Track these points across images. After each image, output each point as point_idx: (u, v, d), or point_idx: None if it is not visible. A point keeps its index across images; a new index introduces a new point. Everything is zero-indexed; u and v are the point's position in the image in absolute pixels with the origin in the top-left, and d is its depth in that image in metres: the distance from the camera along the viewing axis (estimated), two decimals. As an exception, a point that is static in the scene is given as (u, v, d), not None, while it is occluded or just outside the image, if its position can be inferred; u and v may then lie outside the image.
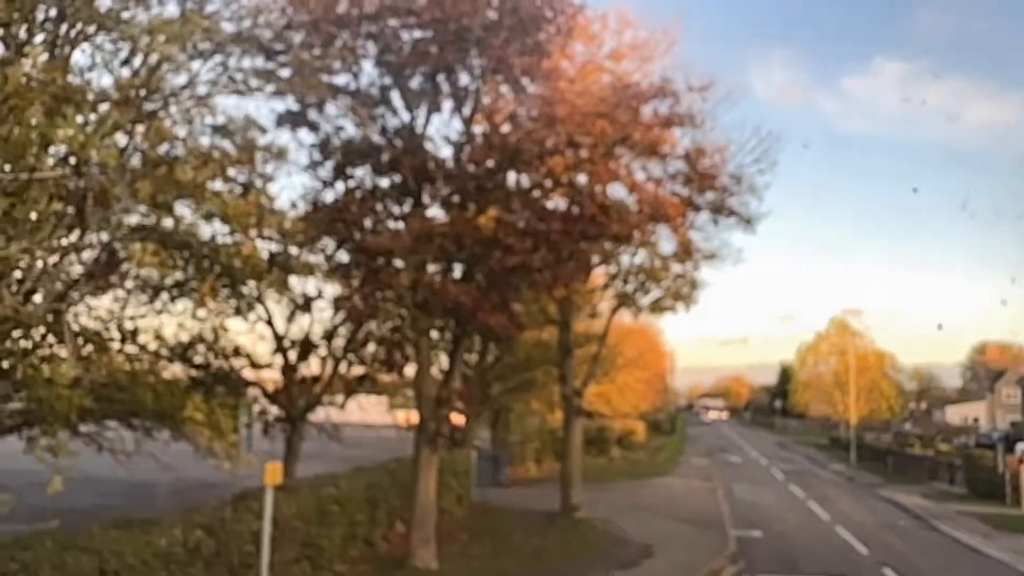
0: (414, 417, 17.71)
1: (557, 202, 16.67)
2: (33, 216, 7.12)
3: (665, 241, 22.29)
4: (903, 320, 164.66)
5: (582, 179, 16.22)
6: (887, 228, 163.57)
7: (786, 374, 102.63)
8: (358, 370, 19.24)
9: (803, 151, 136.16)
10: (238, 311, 16.15)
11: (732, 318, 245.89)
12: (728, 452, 61.51)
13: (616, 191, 17.62)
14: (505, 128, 15.40)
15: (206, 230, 13.59)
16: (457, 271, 15.90)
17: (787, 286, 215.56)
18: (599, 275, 25.70)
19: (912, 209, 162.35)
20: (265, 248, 15.58)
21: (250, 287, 15.84)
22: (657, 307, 25.22)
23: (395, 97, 15.33)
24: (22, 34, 8.81)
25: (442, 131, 16.03)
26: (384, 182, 15.64)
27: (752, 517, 26.45)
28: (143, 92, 10.19)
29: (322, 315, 18.69)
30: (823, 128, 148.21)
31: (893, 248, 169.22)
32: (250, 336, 17.94)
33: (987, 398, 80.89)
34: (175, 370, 15.55)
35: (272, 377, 18.94)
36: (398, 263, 15.07)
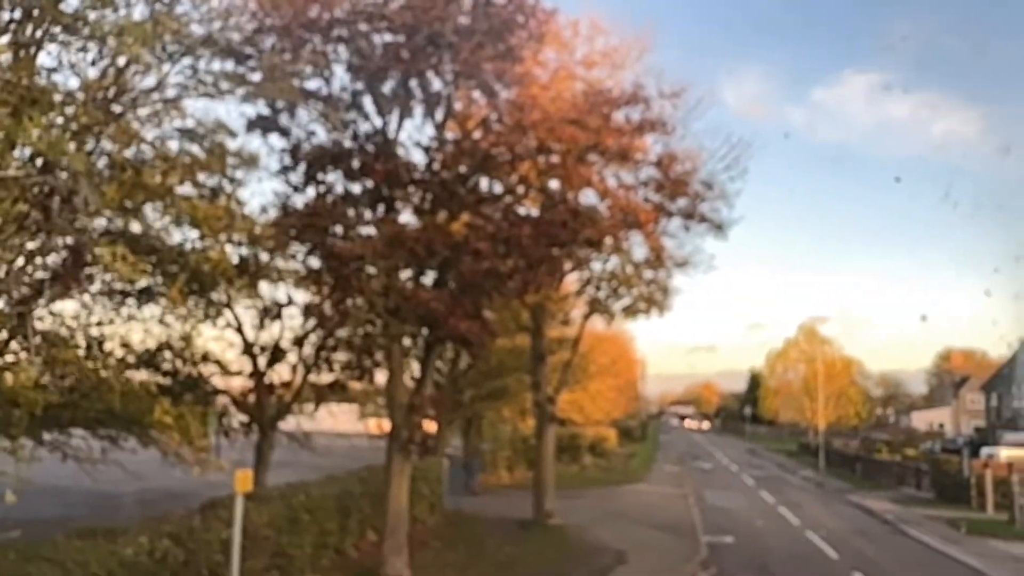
0: (386, 425, 17.59)
1: (529, 208, 16.68)
2: (-3, 217, 6.98)
3: (637, 247, 22.41)
4: (870, 328, 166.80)
5: (554, 185, 16.25)
6: (857, 236, 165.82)
7: (756, 381, 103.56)
8: (328, 377, 19.09)
9: (773, 159, 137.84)
10: (207, 317, 15.96)
11: (702, 326, 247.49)
12: (699, 459, 61.83)
13: (588, 197, 17.67)
14: (477, 134, 15.38)
15: (175, 235, 13.42)
16: (429, 277, 15.83)
17: (756, 294, 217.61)
18: (571, 282, 25.76)
19: (881, 217, 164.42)
20: (235, 253, 15.42)
21: (219, 292, 15.66)
22: (630, 311, 25.29)
23: (367, 102, 15.24)
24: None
25: (414, 136, 15.99)
26: (355, 187, 15.53)
27: (723, 523, 26.57)
28: (110, 94, 10.05)
29: (292, 322, 18.57)
30: (794, 138, 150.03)
31: (864, 254, 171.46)
32: (219, 343, 17.77)
33: (952, 404, 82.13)
34: (142, 377, 15.32)
35: (242, 385, 18.75)
36: (369, 269, 14.97)
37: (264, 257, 15.97)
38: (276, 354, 18.55)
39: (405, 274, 15.50)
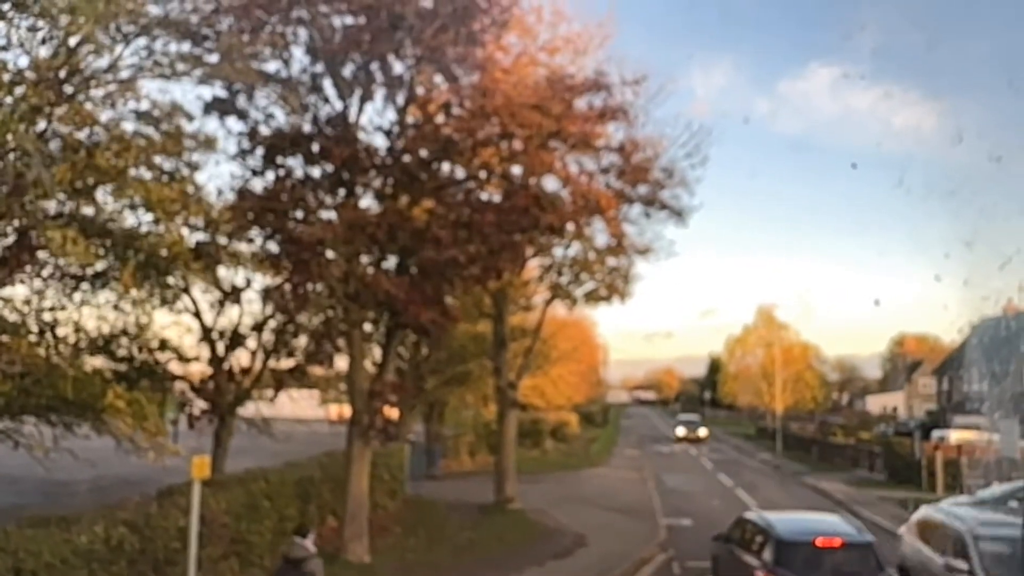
0: (347, 411, 17.53)
1: (491, 194, 16.66)
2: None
3: (599, 234, 22.51)
4: (824, 313, 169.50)
5: (516, 171, 16.24)
6: (812, 223, 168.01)
7: (715, 366, 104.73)
8: (289, 362, 18.95)
9: (732, 147, 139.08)
10: (163, 302, 15.73)
11: (657, 312, 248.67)
12: (659, 443, 62.45)
13: (550, 183, 17.69)
14: (439, 118, 15.31)
15: (129, 218, 13.17)
16: (390, 263, 15.77)
17: (709, 280, 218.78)
18: (533, 268, 25.82)
19: (837, 204, 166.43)
20: (191, 237, 15.19)
21: (176, 277, 15.43)
22: (592, 297, 25.44)
23: (327, 85, 15.09)
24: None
25: (375, 121, 15.87)
26: (315, 171, 15.39)
27: (682, 506, 26.92)
28: (62, 74, 9.82)
29: (251, 307, 18.40)
30: (754, 127, 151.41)
31: (819, 241, 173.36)
32: (176, 329, 17.53)
33: (905, 388, 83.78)
34: (97, 364, 15.06)
35: (200, 370, 18.53)
36: (329, 254, 14.86)
37: (222, 241, 15.75)
38: (235, 339, 18.36)
39: (366, 259, 15.42)
